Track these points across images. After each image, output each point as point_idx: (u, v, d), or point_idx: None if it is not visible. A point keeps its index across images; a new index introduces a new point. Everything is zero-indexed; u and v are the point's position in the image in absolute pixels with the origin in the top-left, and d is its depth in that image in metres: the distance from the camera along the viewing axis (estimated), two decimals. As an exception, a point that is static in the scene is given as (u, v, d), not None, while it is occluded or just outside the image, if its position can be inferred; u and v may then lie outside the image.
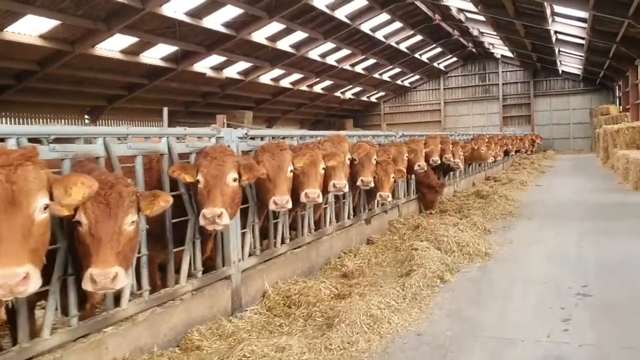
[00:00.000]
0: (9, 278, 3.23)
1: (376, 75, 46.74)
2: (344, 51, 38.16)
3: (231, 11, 26.18)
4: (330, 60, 38.63)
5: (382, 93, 55.19)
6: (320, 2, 28.14)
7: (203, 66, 31.70)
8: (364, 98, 53.72)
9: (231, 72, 34.27)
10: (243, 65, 34.12)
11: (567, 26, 30.56)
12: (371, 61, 42.99)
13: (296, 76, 40.10)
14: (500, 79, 53.20)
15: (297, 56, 34.22)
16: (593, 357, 4.99)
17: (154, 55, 28.51)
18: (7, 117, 27.94)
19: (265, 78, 37.44)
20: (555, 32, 32.60)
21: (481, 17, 34.44)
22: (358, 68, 43.26)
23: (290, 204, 6.21)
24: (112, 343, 4.64)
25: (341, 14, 30.77)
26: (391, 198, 9.91)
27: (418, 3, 33.31)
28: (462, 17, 36.44)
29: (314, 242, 8.25)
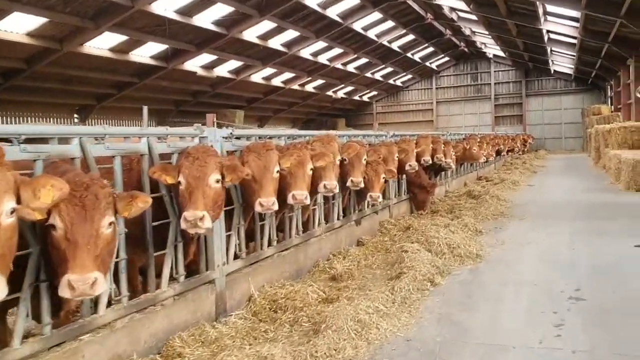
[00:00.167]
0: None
1: (368, 74, 46.64)
2: (336, 50, 38.01)
3: (222, 9, 25.96)
4: (322, 59, 38.46)
5: (375, 92, 55.12)
6: (311, 1, 27.98)
7: (193, 65, 31.46)
8: (356, 97, 53.62)
9: (222, 71, 34.05)
10: (234, 64, 33.90)
11: (560, 25, 30.54)
12: (363, 60, 42.85)
13: (288, 75, 39.91)
14: (492, 79, 53.24)
15: (289, 55, 34.03)
16: (586, 365, 4.85)
17: (144, 53, 28.23)
18: (-5, 116, 27.64)
19: (256, 77, 37.23)
20: (547, 32, 32.58)
21: (473, 17, 34.40)
22: (350, 67, 43.13)
23: (276, 206, 6.04)
24: (89, 351, 4.44)
25: (333, 13, 30.61)
26: (382, 199, 9.76)
27: (410, 2, 33.23)
28: (455, 16, 36.39)
29: (302, 244, 8.08)
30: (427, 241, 8.90)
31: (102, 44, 25.66)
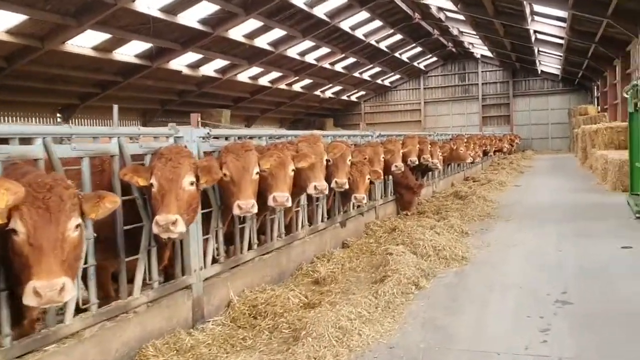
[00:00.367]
0: None
1: (356, 74, 46.44)
2: (323, 49, 37.78)
3: (207, 7, 25.64)
4: (309, 58, 38.21)
5: (363, 92, 54.96)
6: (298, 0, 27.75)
7: (179, 64, 31.07)
8: (344, 97, 53.43)
9: (208, 70, 33.70)
10: (220, 63, 33.57)
11: (547, 25, 30.55)
12: (351, 60, 42.65)
13: (275, 74, 39.61)
14: (479, 79, 53.24)
15: (276, 54, 33.72)
16: (574, 373, 4.70)
17: (128, 52, 27.82)
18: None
19: (243, 76, 36.91)
20: (534, 32, 32.60)
21: (461, 17, 34.36)
22: (338, 67, 42.90)
23: (255, 209, 5.83)
24: (54, 362, 4.23)
25: (320, 12, 30.35)
26: (367, 200, 9.58)
27: (397, 1, 32.98)
28: (442, 16, 36.33)
29: (285, 247, 7.87)
30: (413, 243, 8.75)
31: (85, 43, 25.24)
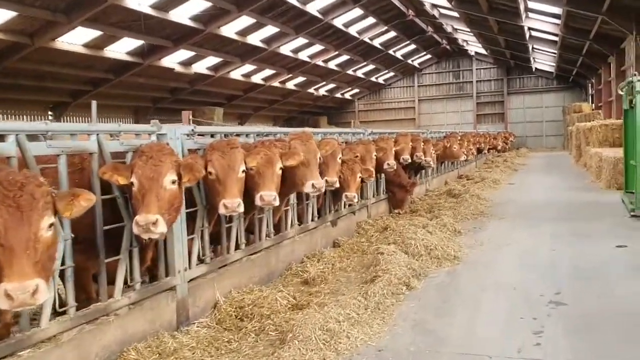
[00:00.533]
0: None
1: (350, 71, 46.30)
2: (317, 47, 37.61)
3: (199, 4, 25.42)
4: (302, 55, 38.02)
5: (356, 90, 54.81)
6: (291, -4, 27.57)
7: (171, 61, 30.85)
8: (338, 95, 53.28)
9: (200, 68, 33.47)
10: (212, 60, 33.36)
11: (541, 22, 30.49)
12: (344, 57, 42.47)
13: (268, 72, 39.41)
14: (474, 77, 53.14)
15: (269, 51, 33.51)
16: (568, 377, 4.55)
17: (119, 49, 27.57)
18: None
19: (235, 74, 36.71)
20: (528, 29, 32.54)
21: (455, 13, 34.23)
22: (331, 64, 42.70)
23: (241, 208, 5.67)
24: (29, 368, 4.07)
25: (313, 9, 30.18)
26: (358, 199, 9.43)
27: (391, -2, 32.91)
28: (436, 13, 36.20)
29: (274, 247, 7.72)
30: (404, 242, 8.59)
31: (76, 40, 24.99)
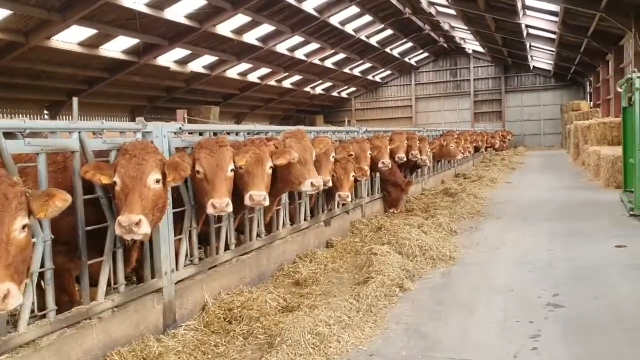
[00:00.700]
0: None
1: (346, 70, 46.12)
2: (313, 45, 37.43)
3: (194, 2, 25.27)
4: (298, 54, 37.85)
5: (353, 88, 54.65)
6: (286, -6, 27.40)
7: (166, 59, 30.66)
8: (335, 94, 53.11)
9: (196, 66, 33.27)
10: (208, 59, 33.17)
11: (539, 20, 30.31)
12: (341, 56, 42.30)
13: (264, 70, 39.24)
14: (471, 75, 52.99)
15: (265, 50, 33.33)
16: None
17: (115, 47, 27.40)
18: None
19: (232, 72, 36.53)
20: (526, 26, 32.38)
21: (452, 11, 34.05)
22: (328, 63, 42.55)
23: (230, 208, 5.54)
24: (5, 374, 3.92)
25: (308, 7, 30.00)
26: (351, 198, 9.28)
27: (388, -5, 32.76)
28: (433, 11, 35.95)
29: (265, 247, 7.58)
30: (398, 243, 8.42)
31: (71, 38, 24.83)
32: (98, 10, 22.26)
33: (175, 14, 25.52)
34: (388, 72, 53.53)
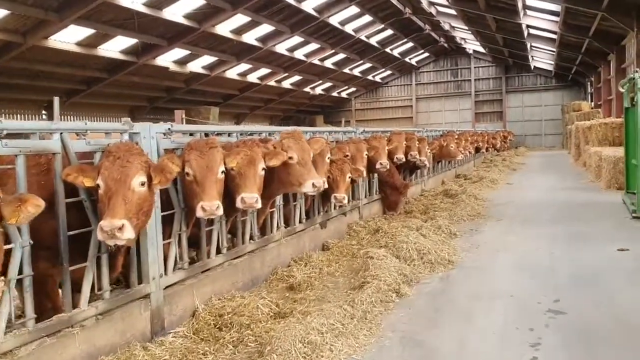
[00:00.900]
0: None
1: (346, 70, 45.97)
2: (313, 45, 37.27)
3: (193, 2, 25.13)
4: (298, 54, 37.69)
5: (353, 89, 54.48)
6: (286, -6, 27.23)
7: (165, 60, 30.53)
8: (335, 94, 52.96)
9: (196, 67, 33.15)
10: (208, 59, 33.04)
11: (539, 20, 30.12)
12: (341, 56, 42.14)
13: (264, 71, 39.09)
14: (472, 75, 52.80)
15: (264, 50, 33.19)
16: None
17: (113, 47, 27.27)
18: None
19: (231, 73, 36.39)
20: (527, 27, 32.19)
21: (452, 11, 33.86)
22: (327, 63, 42.39)
23: (220, 211, 5.36)
24: (-20, 386, 3.75)
25: (308, 7, 29.85)
26: (347, 200, 9.08)
27: (387, -5, 32.57)
28: (433, 11, 35.79)
29: (259, 251, 7.39)
30: (396, 246, 8.22)
31: (68, 38, 24.71)
32: (95, 10, 22.14)
33: (173, 14, 25.39)
34: (388, 72, 53.37)
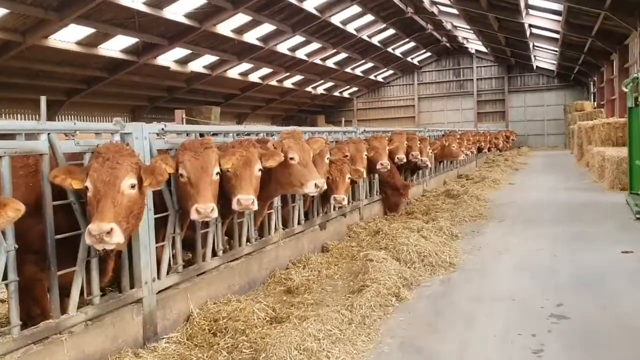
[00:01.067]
0: None
1: (348, 70, 45.79)
2: (314, 45, 37.11)
3: (194, 1, 25.00)
4: (300, 54, 37.54)
5: (355, 88, 54.32)
6: (287, -7, 27.09)
7: (166, 59, 30.40)
8: (336, 93, 52.80)
9: (197, 66, 33.00)
10: (209, 58, 32.90)
11: (542, 19, 29.96)
12: (342, 55, 41.97)
13: (265, 70, 38.94)
14: (474, 75, 52.62)
15: (266, 49, 33.04)
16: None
17: (113, 47, 27.13)
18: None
19: (233, 72, 36.26)
20: (529, 26, 32.00)
21: (454, 10, 33.70)
22: (329, 62, 42.22)
23: (215, 213, 5.22)
24: (-38, 397, 3.61)
25: (309, 6, 29.69)
26: (347, 201, 8.94)
27: (389, -5, 32.41)
28: (435, 10, 35.65)
29: (256, 253, 7.25)
30: (396, 248, 8.08)
31: (68, 37, 24.58)
32: (95, 9, 22.03)
33: (174, 13, 25.26)
34: (390, 72, 53.18)
